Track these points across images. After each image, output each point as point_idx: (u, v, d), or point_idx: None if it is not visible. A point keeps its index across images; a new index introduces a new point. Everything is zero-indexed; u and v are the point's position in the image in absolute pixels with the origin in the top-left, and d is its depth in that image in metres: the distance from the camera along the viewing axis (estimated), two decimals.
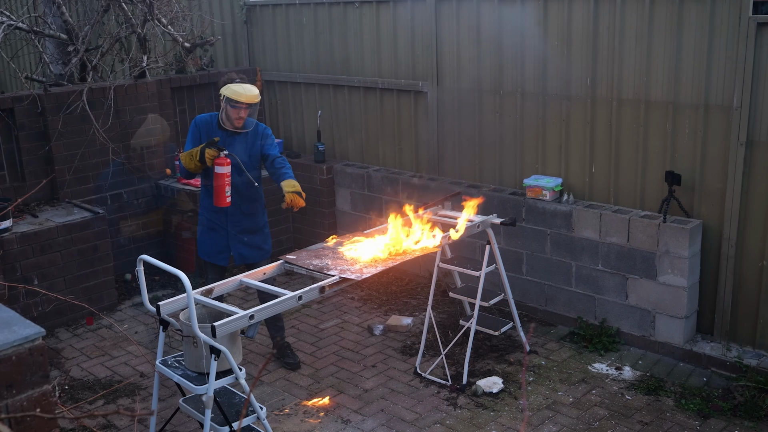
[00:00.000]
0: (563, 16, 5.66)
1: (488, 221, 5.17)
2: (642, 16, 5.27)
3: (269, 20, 7.88)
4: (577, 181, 5.89)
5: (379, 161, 7.24)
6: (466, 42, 6.31)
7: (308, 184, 7.53)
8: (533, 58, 5.91)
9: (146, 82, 7.07)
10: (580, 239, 5.70)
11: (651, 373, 5.24)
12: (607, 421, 4.69)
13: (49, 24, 7.29)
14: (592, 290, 5.73)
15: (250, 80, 7.93)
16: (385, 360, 5.58)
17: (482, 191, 6.22)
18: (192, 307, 3.67)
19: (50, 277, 6.06)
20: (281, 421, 4.82)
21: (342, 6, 7.15)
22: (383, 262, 4.42)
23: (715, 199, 5.22)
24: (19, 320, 2.01)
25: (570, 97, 5.78)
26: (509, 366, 5.39)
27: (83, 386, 5.31)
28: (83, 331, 6.17)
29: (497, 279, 5.51)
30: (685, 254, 5.19)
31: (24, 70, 8.51)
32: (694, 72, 5.13)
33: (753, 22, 4.77)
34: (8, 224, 5.87)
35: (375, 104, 7.15)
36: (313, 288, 4.08)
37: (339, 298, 6.68)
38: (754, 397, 4.80)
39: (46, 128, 6.50)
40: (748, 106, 4.91)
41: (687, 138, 5.26)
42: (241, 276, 4.36)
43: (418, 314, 6.27)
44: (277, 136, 8.18)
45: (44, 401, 1.96)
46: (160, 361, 4.14)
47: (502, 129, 6.24)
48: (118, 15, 7.40)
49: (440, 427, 4.70)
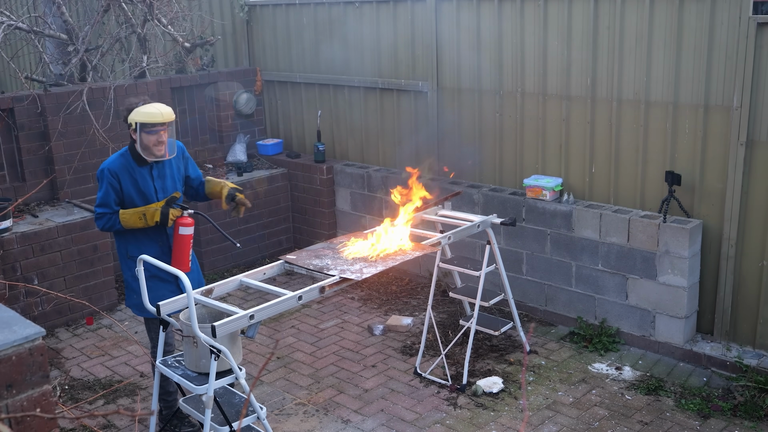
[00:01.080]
0: (563, 16, 5.66)
1: (488, 221, 5.17)
2: (642, 16, 5.27)
3: (269, 20, 7.88)
4: (577, 181, 5.89)
5: (379, 161, 7.24)
6: (466, 42, 6.31)
7: (308, 184, 7.54)
8: (533, 58, 5.91)
9: (146, 82, 7.07)
10: (580, 239, 5.70)
11: (651, 373, 5.24)
12: (607, 421, 4.69)
13: (49, 24, 7.29)
14: (592, 290, 5.73)
15: (250, 80, 8.01)
16: (385, 360, 5.58)
17: (481, 191, 6.22)
18: (192, 307, 3.67)
19: (50, 277, 6.07)
20: (281, 421, 4.82)
21: (342, 6, 7.15)
22: (383, 261, 4.41)
23: (715, 199, 5.22)
24: (19, 320, 2.01)
25: (570, 97, 5.78)
26: (509, 366, 5.39)
27: (83, 386, 5.31)
28: (83, 331, 6.17)
29: (497, 279, 5.51)
30: (685, 254, 5.19)
31: (24, 70, 8.51)
32: (694, 72, 5.13)
33: (753, 22, 4.77)
34: (8, 224, 5.87)
35: (375, 104, 7.15)
36: (313, 288, 4.08)
37: (339, 298, 6.68)
38: (754, 397, 4.80)
39: (46, 128, 6.50)
40: (748, 106, 4.91)
41: (687, 138, 5.26)
42: (241, 276, 4.36)
43: (418, 314, 6.27)
44: (277, 136, 8.19)
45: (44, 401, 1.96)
46: (160, 361, 4.14)
47: (502, 129, 6.24)
48: (118, 15, 7.40)
49: (440, 427, 4.70)
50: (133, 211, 4.31)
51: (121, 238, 4.47)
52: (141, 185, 4.37)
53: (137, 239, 4.42)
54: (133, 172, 4.35)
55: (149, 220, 4.30)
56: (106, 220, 4.33)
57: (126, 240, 4.45)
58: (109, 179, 4.30)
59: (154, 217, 4.29)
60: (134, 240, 4.43)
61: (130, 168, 4.34)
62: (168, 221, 4.31)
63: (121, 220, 4.31)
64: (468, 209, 6.18)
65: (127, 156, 4.37)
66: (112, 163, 4.33)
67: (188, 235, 4.35)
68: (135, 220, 4.31)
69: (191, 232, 4.36)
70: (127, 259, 4.48)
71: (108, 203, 4.32)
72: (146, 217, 4.30)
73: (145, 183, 4.39)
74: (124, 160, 4.35)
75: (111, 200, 4.32)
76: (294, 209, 7.78)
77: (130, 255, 4.44)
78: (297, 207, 7.74)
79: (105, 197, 4.31)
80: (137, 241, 4.42)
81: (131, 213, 4.31)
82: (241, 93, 7.86)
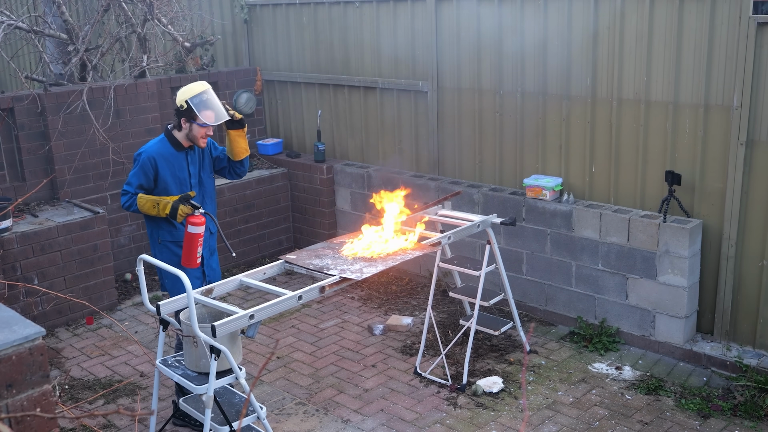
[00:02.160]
0: (563, 16, 5.66)
1: (488, 221, 5.17)
2: (642, 16, 5.27)
3: (269, 20, 7.88)
4: (577, 181, 5.89)
5: (379, 161, 7.24)
6: (466, 42, 6.30)
7: (308, 183, 7.54)
8: (533, 58, 5.91)
9: (146, 82, 7.07)
10: (580, 239, 5.70)
11: (651, 372, 5.24)
12: (607, 421, 4.69)
13: (49, 24, 7.29)
14: (592, 290, 5.73)
15: (250, 80, 8.01)
16: (385, 360, 5.58)
17: (481, 191, 6.22)
18: (192, 307, 3.67)
19: (50, 277, 6.07)
20: (281, 421, 4.82)
21: (342, 6, 7.15)
22: (383, 261, 4.41)
23: (715, 199, 5.22)
24: (19, 320, 2.01)
25: (570, 97, 5.78)
26: (509, 366, 5.39)
27: (83, 386, 5.31)
28: (83, 331, 6.17)
29: (497, 279, 5.51)
30: (685, 254, 5.19)
31: (24, 70, 8.51)
32: (694, 72, 5.13)
33: (753, 22, 4.77)
34: (8, 224, 5.87)
35: (375, 104, 7.15)
36: (313, 288, 4.08)
37: (339, 298, 6.68)
38: (754, 396, 4.80)
39: (46, 128, 6.50)
40: (748, 106, 4.91)
41: (687, 138, 5.26)
42: (241, 276, 4.36)
43: (418, 314, 6.27)
44: (277, 136, 8.20)
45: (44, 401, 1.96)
46: (160, 360, 4.14)
47: (502, 129, 6.24)
48: (118, 15, 7.40)
49: (440, 426, 4.70)
50: (149, 198, 4.50)
51: (154, 224, 4.66)
52: (177, 170, 4.59)
53: (170, 226, 4.63)
54: (171, 157, 4.57)
55: (161, 210, 4.46)
56: (128, 198, 4.56)
57: (159, 226, 4.64)
58: (143, 163, 4.51)
59: (165, 209, 4.44)
60: (167, 225, 4.63)
61: (167, 153, 4.57)
62: (177, 216, 4.41)
63: (138, 203, 4.51)
64: (468, 209, 6.18)
65: (165, 142, 4.59)
66: (150, 148, 4.57)
67: (197, 233, 4.40)
68: (149, 207, 4.49)
69: (200, 231, 4.41)
70: (158, 244, 4.68)
71: (134, 183, 4.54)
72: (159, 206, 4.47)
73: (181, 168, 4.61)
74: (162, 146, 4.58)
75: (138, 182, 4.54)
76: (294, 209, 7.78)
77: (162, 240, 4.66)
78: (297, 207, 7.74)
79: (134, 178, 4.54)
80: (170, 226, 4.63)
81: (147, 199, 4.50)
82: (241, 93, 7.87)
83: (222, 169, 4.84)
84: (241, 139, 4.71)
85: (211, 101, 4.50)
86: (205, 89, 4.51)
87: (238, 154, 4.73)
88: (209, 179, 4.80)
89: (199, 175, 4.71)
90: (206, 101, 4.48)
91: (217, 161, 4.81)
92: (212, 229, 4.77)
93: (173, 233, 4.64)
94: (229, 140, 4.70)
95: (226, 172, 4.84)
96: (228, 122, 4.63)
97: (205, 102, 4.48)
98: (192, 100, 4.45)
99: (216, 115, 4.49)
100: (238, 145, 4.70)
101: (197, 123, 4.48)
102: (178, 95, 4.52)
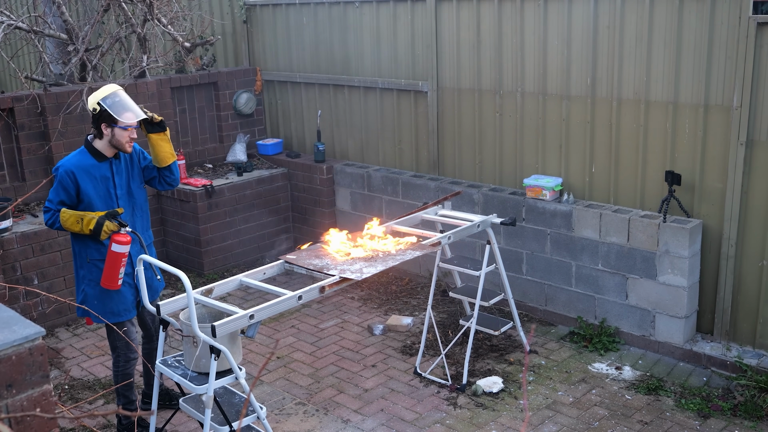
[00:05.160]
0: (563, 16, 5.66)
1: (488, 221, 5.17)
2: (642, 16, 5.27)
3: (269, 20, 7.88)
4: (577, 181, 5.89)
5: (379, 161, 7.24)
6: (466, 42, 6.31)
7: (308, 183, 7.54)
8: (533, 58, 5.91)
9: (146, 82, 7.07)
10: (580, 239, 5.70)
11: (651, 372, 5.24)
12: (607, 421, 4.69)
13: (49, 24, 7.29)
14: (592, 290, 5.73)
15: (249, 80, 8.01)
16: (385, 360, 5.58)
17: (481, 191, 6.22)
18: (192, 306, 3.67)
19: (50, 277, 6.07)
20: (281, 421, 4.82)
21: (342, 6, 7.15)
22: (383, 261, 4.41)
23: (715, 199, 5.22)
24: (19, 320, 2.01)
25: (570, 97, 5.78)
26: (509, 366, 5.39)
27: (83, 386, 5.31)
28: (83, 331, 6.17)
29: (497, 279, 5.51)
30: (685, 254, 5.19)
31: (24, 70, 8.51)
32: (694, 72, 5.13)
33: (753, 22, 4.77)
34: (8, 224, 5.87)
35: (375, 104, 7.15)
36: (313, 288, 4.08)
37: (339, 298, 6.68)
38: (754, 396, 4.80)
39: (46, 128, 6.50)
40: (748, 106, 4.91)
41: (687, 138, 5.26)
42: (241, 276, 4.36)
43: (418, 314, 6.27)
44: (277, 136, 8.19)
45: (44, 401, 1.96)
46: (160, 360, 4.14)
47: (502, 129, 6.24)
48: (118, 15, 7.40)
49: (440, 426, 4.70)
50: (72, 213, 4.20)
51: (80, 242, 4.35)
52: (100, 182, 4.29)
53: (98, 243, 4.30)
54: (93, 169, 4.27)
55: (85, 226, 4.17)
56: (50, 215, 4.26)
57: (86, 244, 4.33)
58: (61, 178, 4.22)
59: (89, 224, 4.15)
60: (95, 243, 4.31)
61: (88, 165, 4.27)
62: (101, 233, 4.14)
63: (61, 218, 4.21)
64: (468, 209, 6.18)
65: (85, 153, 4.30)
66: (68, 162, 4.28)
67: (121, 252, 4.12)
68: (72, 223, 4.19)
69: (125, 250, 4.14)
70: (86, 264, 4.37)
71: (54, 200, 4.25)
72: (83, 222, 4.17)
73: (105, 179, 4.32)
74: (83, 158, 4.29)
75: (59, 199, 4.24)
76: (294, 209, 7.78)
77: (90, 259, 4.35)
78: (297, 207, 7.74)
79: (54, 195, 4.24)
80: (99, 244, 4.31)
81: (71, 214, 4.20)
82: (241, 93, 7.87)
83: (152, 180, 4.51)
84: (165, 143, 4.40)
85: (125, 101, 4.26)
86: (116, 90, 4.27)
87: (164, 159, 4.41)
88: (139, 190, 4.49)
89: (128, 186, 4.41)
90: (120, 102, 4.24)
91: (146, 171, 4.49)
92: (145, 243, 4.41)
93: (102, 251, 4.28)
94: (152, 145, 4.38)
95: (156, 182, 4.51)
96: (148, 126, 4.36)
97: (118, 103, 4.23)
98: (105, 102, 4.19)
99: (135, 114, 4.24)
100: (162, 149, 4.39)
101: (119, 126, 4.20)
102: (89, 100, 4.27)
